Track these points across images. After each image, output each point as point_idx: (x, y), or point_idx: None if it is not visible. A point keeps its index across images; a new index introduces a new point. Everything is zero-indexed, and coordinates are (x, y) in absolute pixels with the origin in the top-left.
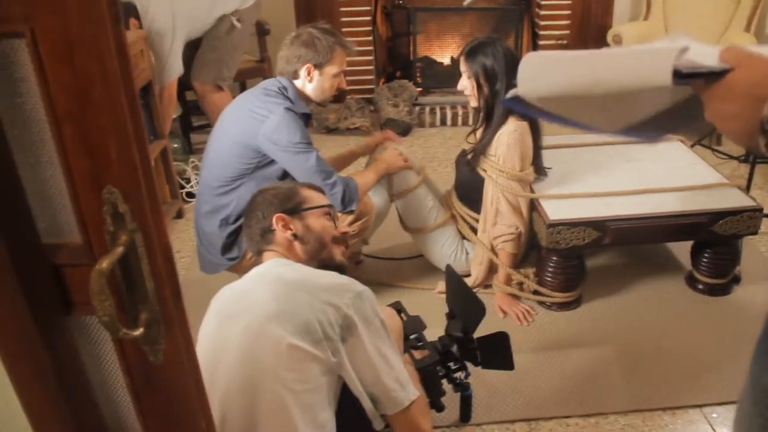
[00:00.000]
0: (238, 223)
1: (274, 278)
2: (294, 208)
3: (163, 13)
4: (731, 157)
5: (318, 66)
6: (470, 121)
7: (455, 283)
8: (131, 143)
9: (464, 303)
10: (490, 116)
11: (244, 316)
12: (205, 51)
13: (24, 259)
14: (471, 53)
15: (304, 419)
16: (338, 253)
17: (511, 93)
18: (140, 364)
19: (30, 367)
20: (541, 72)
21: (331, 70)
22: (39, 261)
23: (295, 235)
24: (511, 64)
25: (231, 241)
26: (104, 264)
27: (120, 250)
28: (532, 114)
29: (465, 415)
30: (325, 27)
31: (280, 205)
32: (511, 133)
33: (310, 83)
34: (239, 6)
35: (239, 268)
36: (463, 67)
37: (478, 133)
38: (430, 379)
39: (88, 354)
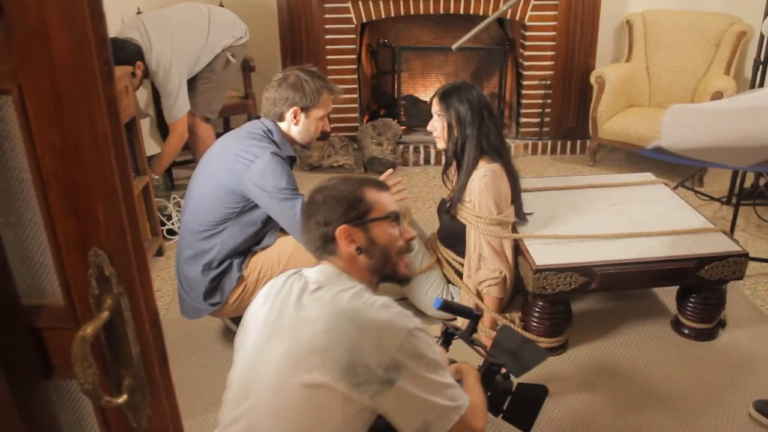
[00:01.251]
0: (221, 268)
1: (330, 301)
2: (359, 218)
3: (164, 53)
4: (713, 199)
5: (304, 109)
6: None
7: (508, 332)
8: (120, 205)
9: (518, 346)
10: (460, 160)
11: (291, 339)
12: (199, 83)
13: (1, 320)
14: (444, 96)
15: None
16: (402, 266)
17: (653, 144)
18: (123, 431)
19: None
20: (688, 127)
21: (317, 113)
22: (18, 323)
23: (359, 249)
24: (484, 110)
25: (214, 287)
26: (89, 330)
27: (105, 315)
28: (671, 160)
29: None
30: (312, 70)
31: (344, 213)
32: (481, 178)
33: (296, 126)
34: (234, 42)
35: (221, 312)
36: (435, 108)
37: (454, 178)
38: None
39: (66, 420)
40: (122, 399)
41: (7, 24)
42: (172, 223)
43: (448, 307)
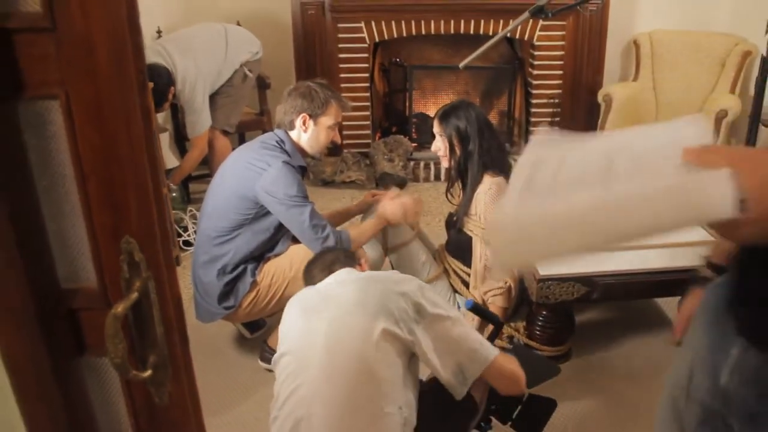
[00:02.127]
0: (235, 273)
1: (353, 279)
2: None
3: (189, 70)
4: None
5: (313, 116)
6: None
7: (522, 348)
8: (150, 199)
9: (532, 361)
10: (464, 177)
11: (330, 309)
12: (218, 98)
13: (44, 303)
14: (444, 116)
15: (387, 395)
16: None
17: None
18: (146, 406)
19: (44, 408)
20: (531, 244)
21: (326, 121)
22: (57, 305)
23: None
24: (484, 126)
25: (227, 291)
26: (119, 309)
27: (134, 296)
28: None
29: None
30: (322, 82)
31: None
32: (486, 191)
33: (305, 133)
34: (250, 58)
35: (235, 316)
36: (436, 128)
37: (458, 194)
38: None
39: (96, 394)
40: (147, 374)
41: (58, 38)
42: (188, 235)
43: (476, 309)
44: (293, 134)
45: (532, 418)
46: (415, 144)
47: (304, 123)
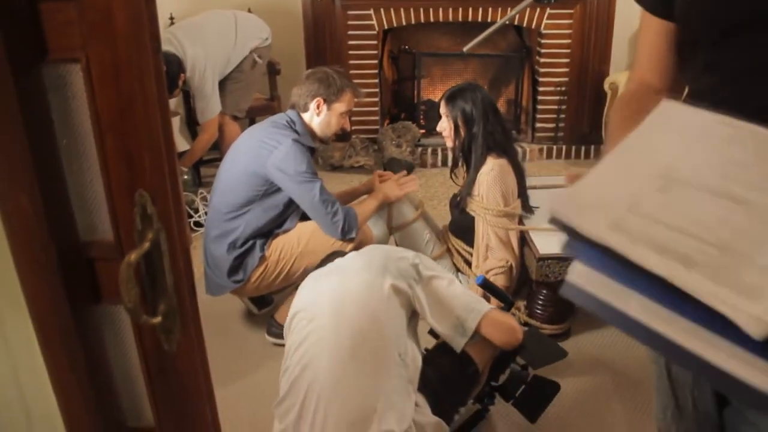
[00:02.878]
0: (245, 247)
1: (358, 252)
2: None
3: (198, 58)
4: None
5: (327, 101)
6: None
7: (533, 331)
8: (162, 154)
9: (540, 342)
10: (467, 158)
11: (338, 272)
12: (228, 83)
13: (65, 254)
14: (451, 97)
15: (391, 340)
16: None
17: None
18: (155, 352)
19: (64, 354)
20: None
21: (339, 107)
22: (76, 256)
23: None
24: (489, 109)
25: (237, 264)
26: (133, 257)
27: (147, 245)
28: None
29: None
30: (340, 70)
31: None
32: (489, 172)
33: (318, 117)
34: (260, 44)
35: (243, 290)
36: (443, 109)
37: (462, 175)
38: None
39: (110, 340)
40: (157, 320)
41: (80, 5)
42: (199, 216)
43: (487, 285)
44: (306, 116)
45: (535, 399)
46: (423, 130)
47: (318, 107)
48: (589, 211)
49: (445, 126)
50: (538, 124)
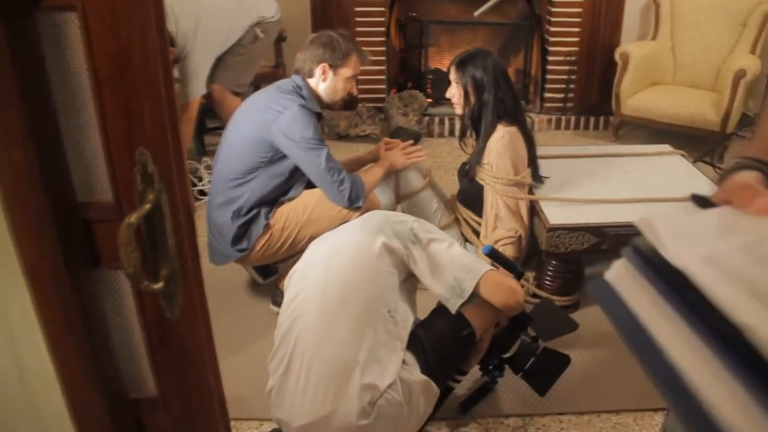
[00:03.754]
0: (250, 215)
1: (360, 217)
2: None
3: (188, 35)
4: None
5: (333, 66)
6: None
7: (546, 303)
8: (163, 108)
9: (552, 314)
10: (477, 125)
11: (334, 235)
12: (228, 56)
13: (61, 215)
14: (461, 63)
15: (379, 295)
16: None
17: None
18: (157, 320)
19: (59, 314)
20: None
21: (345, 72)
22: (74, 218)
23: None
24: (500, 76)
25: (241, 233)
26: (133, 218)
27: (147, 207)
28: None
29: (467, 404)
30: (344, 33)
31: None
32: (499, 140)
33: (324, 82)
34: (263, 19)
35: (248, 259)
36: (452, 75)
37: (471, 143)
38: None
39: (110, 308)
40: (159, 285)
41: None
42: (203, 185)
43: (494, 254)
44: (311, 82)
45: (544, 371)
46: (431, 99)
47: (323, 72)
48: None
49: (454, 92)
50: (547, 94)
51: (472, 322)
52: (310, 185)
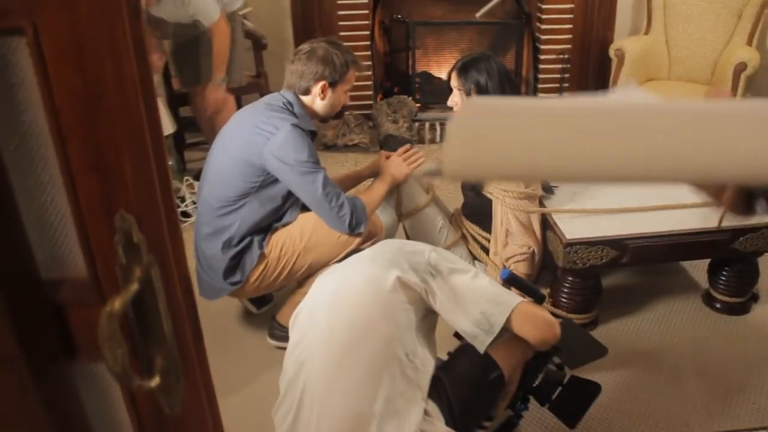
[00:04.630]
0: (242, 245)
1: (370, 248)
2: None
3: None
4: None
5: (332, 84)
6: None
7: (569, 325)
8: (149, 160)
9: (577, 339)
10: None
11: (343, 269)
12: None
13: (19, 298)
14: (464, 68)
15: (393, 337)
16: None
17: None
18: (154, 418)
19: (26, 426)
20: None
21: (343, 87)
22: (37, 300)
23: None
24: (505, 81)
25: (234, 264)
26: (117, 304)
27: (134, 287)
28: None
29: None
30: (338, 43)
31: None
32: None
33: (322, 101)
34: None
35: (242, 292)
36: (454, 82)
37: None
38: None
39: (93, 408)
40: (155, 382)
41: None
42: (186, 206)
43: (513, 280)
44: (306, 99)
45: (573, 402)
46: (419, 104)
47: (323, 91)
48: None
49: (457, 100)
50: (540, 95)
51: (500, 362)
52: (305, 208)
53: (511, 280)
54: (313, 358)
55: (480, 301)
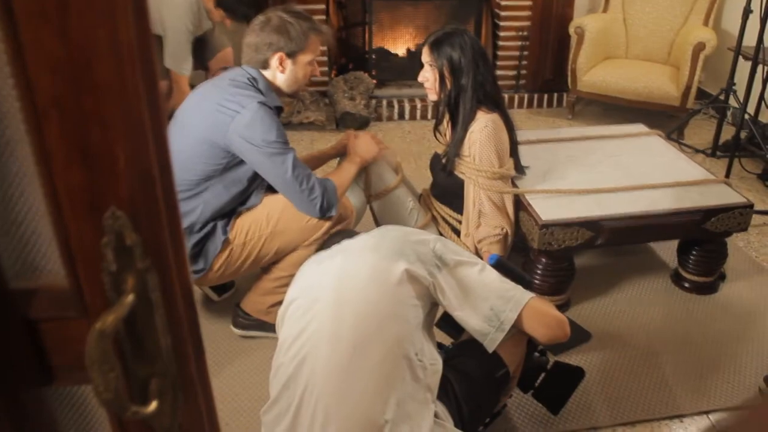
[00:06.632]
0: (205, 231)
1: (369, 233)
2: None
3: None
4: (698, 151)
5: (291, 55)
6: (429, 115)
7: None
8: (148, 147)
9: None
10: (454, 113)
11: (344, 252)
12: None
13: None
14: (436, 43)
15: (402, 336)
16: None
17: None
18: None
19: None
20: None
21: (305, 58)
22: (5, 313)
23: None
24: (479, 57)
25: (196, 252)
26: (109, 320)
27: (130, 299)
28: None
29: None
30: (296, 10)
31: None
32: (482, 129)
33: (282, 74)
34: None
35: (205, 280)
36: (426, 57)
37: (447, 132)
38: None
39: None
40: (152, 407)
41: None
42: None
43: (502, 265)
44: (267, 73)
45: (556, 388)
46: (376, 81)
47: (281, 63)
48: None
49: (428, 76)
50: (499, 72)
51: (506, 359)
52: (271, 189)
53: (498, 266)
54: (316, 355)
55: (489, 296)
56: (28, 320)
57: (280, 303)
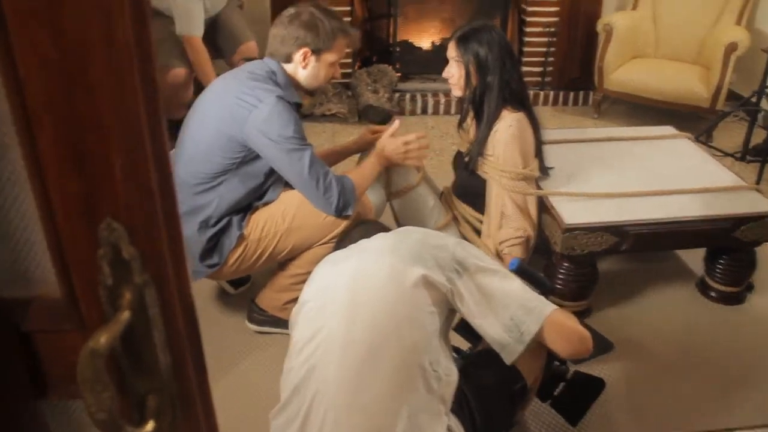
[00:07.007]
0: (220, 225)
1: (388, 233)
2: None
3: None
4: (727, 154)
5: (316, 52)
6: (452, 110)
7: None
8: (146, 152)
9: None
10: (479, 111)
11: (359, 253)
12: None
13: None
14: (463, 39)
15: (418, 345)
16: None
17: None
18: None
19: None
20: None
21: (330, 57)
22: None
23: None
24: (506, 54)
25: (211, 246)
26: (102, 339)
27: (125, 316)
28: None
29: None
30: (327, 8)
31: None
32: (507, 128)
33: (304, 69)
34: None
35: (219, 275)
36: (452, 52)
37: (471, 130)
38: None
39: None
40: (148, 428)
41: None
42: None
43: (523, 271)
44: (289, 67)
45: (575, 398)
46: (399, 74)
47: (304, 59)
48: None
49: (453, 72)
50: (525, 68)
51: (524, 371)
52: (288, 185)
53: (519, 271)
54: (327, 361)
55: (510, 305)
56: (21, 332)
57: (295, 300)
